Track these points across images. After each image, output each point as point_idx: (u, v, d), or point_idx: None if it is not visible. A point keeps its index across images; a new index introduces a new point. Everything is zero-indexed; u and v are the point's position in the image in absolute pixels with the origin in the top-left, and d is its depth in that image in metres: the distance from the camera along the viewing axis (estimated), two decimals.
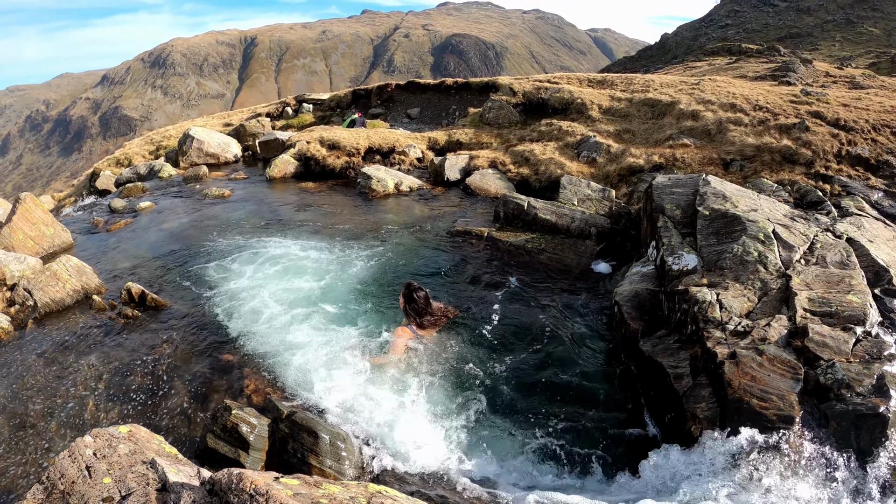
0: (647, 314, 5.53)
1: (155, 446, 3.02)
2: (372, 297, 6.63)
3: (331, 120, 21.45)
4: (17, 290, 6.82)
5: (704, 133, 11.29)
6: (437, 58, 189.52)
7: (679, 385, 4.35)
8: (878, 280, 5.29)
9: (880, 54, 34.84)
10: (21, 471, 4.30)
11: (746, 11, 56.50)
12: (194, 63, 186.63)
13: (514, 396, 4.98)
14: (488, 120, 15.58)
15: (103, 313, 6.57)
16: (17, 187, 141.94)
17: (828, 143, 9.71)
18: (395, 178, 11.60)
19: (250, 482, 2.32)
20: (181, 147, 15.75)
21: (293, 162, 13.34)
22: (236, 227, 9.43)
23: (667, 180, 7.34)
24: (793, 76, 18.89)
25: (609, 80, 17.38)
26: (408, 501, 2.66)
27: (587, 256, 7.70)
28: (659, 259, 6.10)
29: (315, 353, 5.37)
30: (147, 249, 8.72)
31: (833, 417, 3.66)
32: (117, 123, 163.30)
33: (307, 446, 3.91)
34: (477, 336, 5.85)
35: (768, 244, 5.47)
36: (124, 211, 11.38)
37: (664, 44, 57.59)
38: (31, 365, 5.63)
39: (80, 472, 2.63)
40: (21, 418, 4.87)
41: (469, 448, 4.42)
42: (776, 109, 11.46)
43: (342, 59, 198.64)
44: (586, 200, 9.08)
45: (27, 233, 8.69)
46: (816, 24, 48.79)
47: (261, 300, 6.61)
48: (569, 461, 4.32)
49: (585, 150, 11.67)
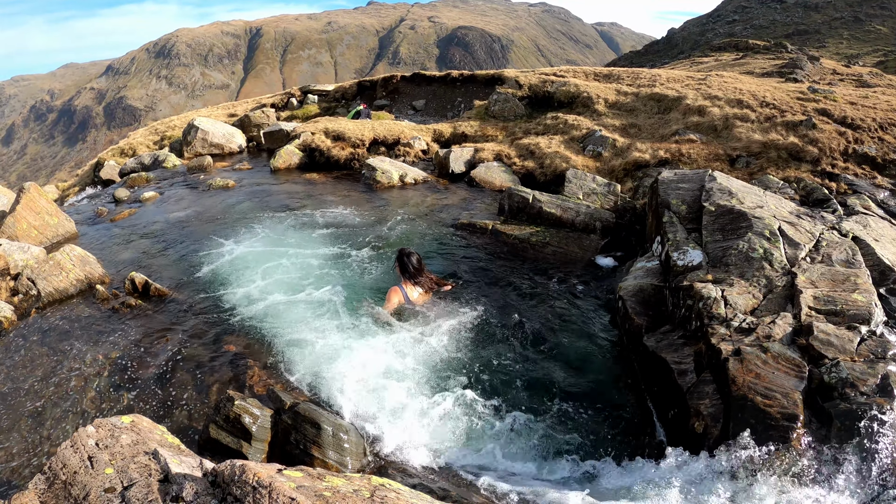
0: (651, 309, 5.51)
1: (157, 437, 3.02)
2: (377, 292, 6.62)
3: (336, 111, 21.39)
4: (21, 280, 6.83)
5: (711, 129, 11.24)
6: (442, 50, 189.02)
7: (683, 381, 4.33)
8: (884, 279, 5.26)
9: (888, 53, 34.62)
10: (23, 461, 4.31)
11: (754, 7, 56.19)
12: (199, 54, 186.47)
13: (514, 388, 4.98)
14: (494, 113, 15.53)
15: (107, 303, 6.58)
16: (22, 177, 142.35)
17: (834, 140, 9.66)
18: (400, 169, 11.58)
19: (253, 474, 2.32)
20: (186, 137, 15.73)
21: (298, 153, 13.32)
22: (240, 217, 9.42)
23: (672, 175, 7.30)
24: (800, 73, 18.79)
25: (615, 74, 17.30)
26: (411, 494, 2.66)
27: (592, 251, 7.68)
28: (664, 254, 6.07)
29: (317, 342, 5.37)
30: (151, 239, 8.72)
31: (837, 416, 3.64)
32: (122, 114, 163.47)
33: (310, 438, 3.91)
34: (479, 327, 5.84)
35: (774, 241, 5.44)
36: (128, 201, 11.39)
37: (671, 39, 57.34)
38: (34, 354, 5.64)
39: (82, 462, 2.63)
40: (23, 408, 4.88)
41: (469, 440, 4.42)
42: (783, 106, 11.39)
43: (347, 50, 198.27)
44: (591, 195, 9.05)
45: (31, 222, 8.70)
46: (824, 22, 48.51)
47: (264, 290, 6.61)
48: (569, 454, 4.31)
49: (591, 144, 11.63)
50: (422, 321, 5.93)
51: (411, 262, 6.11)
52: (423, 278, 6.21)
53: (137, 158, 15.49)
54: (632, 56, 59.28)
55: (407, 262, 6.11)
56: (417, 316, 6.03)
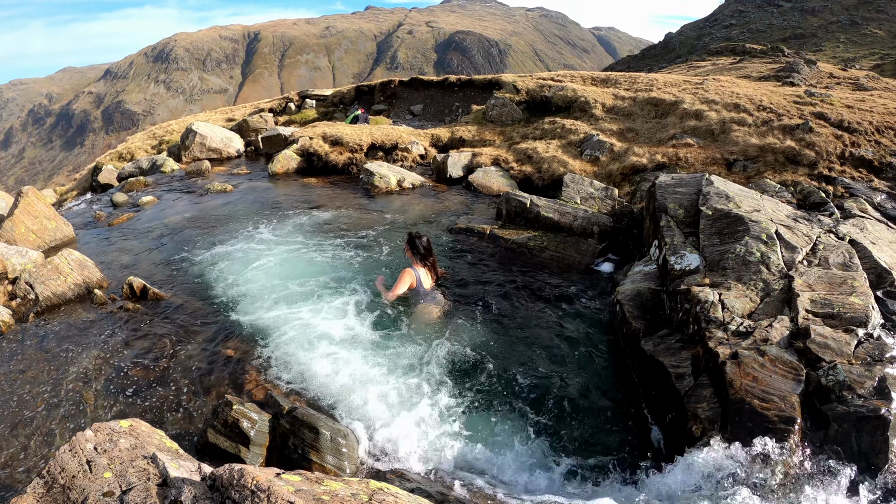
0: (648, 313, 5.52)
1: (156, 441, 3.02)
2: (375, 296, 6.62)
3: (334, 116, 21.42)
4: (19, 284, 6.82)
5: (708, 133, 11.27)
6: (440, 55, 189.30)
7: (680, 385, 4.34)
8: (881, 282, 5.28)
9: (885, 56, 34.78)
10: (21, 465, 4.30)
11: (751, 12, 56.41)
12: (197, 58, 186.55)
13: (511, 393, 4.98)
14: (491, 117, 15.56)
15: (105, 307, 6.58)
16: (20, 181, 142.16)
17: (831, 144, 9.69)
18: (398, 174, 11.59)
19: (252, 478, 2.32)
20: (184, 142, 15.73)
21: (296, 157, 13.33)
22: (238, 221, 9.42)
23: (670, 179, 7.33)
24: (797, 77, 18.84)
25: (613, 78, 17.34)
26: (409, 499, 2.66)
27: (589, 255, 7.69)
28: (661, 258, 6.09)
29: (318, 346, 5.38)
30: (149, 244, 8.72)
31: (834, 419, 3.65)
32: (120, 118, 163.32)
33: (308, 442, 3.91)
34: (476, 331, 5.85)
35: (771, 245, 5.46)
36: (126, 205, 11.38)
37: (668, 43, 57.54)
38: (32, 358, 5.63)
39: (80, 466, 2.63)
40: (21, 412, 4.87)
41: (465, 445, 4.41)
42: (780, 110, 11.43)
43: (345, 55, 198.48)
44: (589, 199, 9.07)
45: (29, 226, 8.69)
46: (821, 26, 48.71)
47: (262, 294, 6.61)
48: (566, 459, 4.31)
49: (589, 148, 11.66)
50: (420, 321, 5.95)
51: (421, 242, 6.41)
52: (432, 259, 6.53)
53: (135, 163, 15.48)
54: (629, 60, 59.42)
55: (417, 243, 6.40)
56: (417, 315, 6.06)
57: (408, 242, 6.50)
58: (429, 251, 6.49)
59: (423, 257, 6.42)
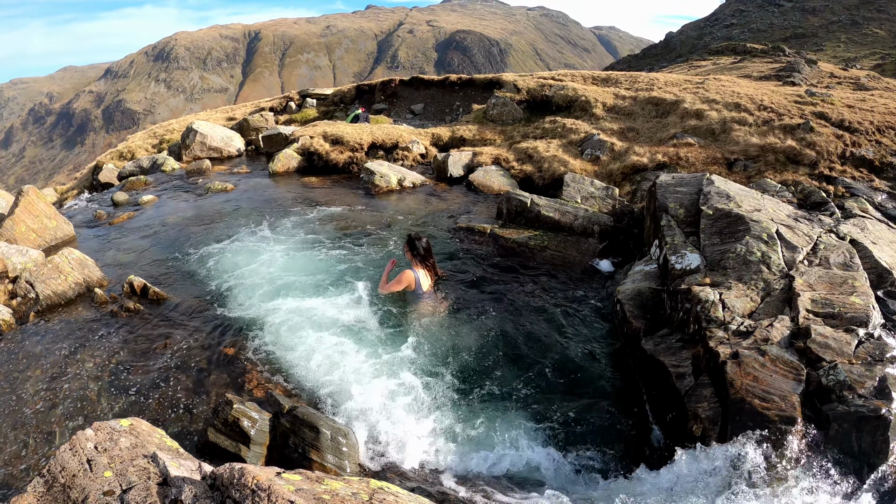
0: (649, 313, 5.52)
1: (156, 440, 3.02)
2: (375, 294, 6.63)
3: (334, 115, 21.40)
4: (20, 283, 6.83)
5: (708, 132, 11.27)
6: (441, 54, 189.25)
7: (681, 384, 4.34)
8: (881, 282, 5.28)
9: (885, 56, 34.76)
10: (22, 463, 4.31)
11: (752, 11, 56.36)
12: (198, 57, 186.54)
13: (512, 393, 4.98)
14: (492, 117, 15.55)
15: (105, 306, 6.58)
16: (20, 180, 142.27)
17: (832, 144, 9.68)
18: (399, 173, 11.59)
19: (252, 477, 2.32)
20: (184, 141, 15.73)
21: (296, 157, 13.33)
22: (239, 220, 9.42)
23: (670, 179, 7.32)
24: (797, 77, 18.84)
25: (613, 78, 17.33)
26: (409, 498, 2.66)
27: (590, 254, 7.69)
28: (662, 258, 6.08)
29: (318, 346, 5.38)
30: (149, 243, 8.72)
31: (835, 419, 3.65)
32: (120, 117, 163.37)
33: (308, 441, 3.91)
34: (476, 331, 5.85)
35: (772, 244, 5.45)
36: (127, 204, 11.38)
37: (669, 42, 57.50)
38: (33, 357, 5.63)
39: (81, 465, 2.63)
40: (22, 411, 4.88)
41: (465, 444, 4.42)
42: (780, 110, 11.43)
43: (346, 54, 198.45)
44: (589, 198, 9.06)
45: (30, 225, 8.69)
46: (822, 25, 48.67)
47: (263, 294, 6.61)
48: (567, 459, 4.32)
49: (589, 147, 11.65)
50: (420, 322, 5.95)
51: (421, 244, 6.41)
52: (432, 260, 6.53)
53: (136, 162, 15.49)
54: (630, 60, 59.38)
55: (417, 244, 6.40)
56: (417, 316, 6.06)
57: (407, 244, 6.48)
58: (428, 252, 6.48)
59: (423, 259, 6.41)
